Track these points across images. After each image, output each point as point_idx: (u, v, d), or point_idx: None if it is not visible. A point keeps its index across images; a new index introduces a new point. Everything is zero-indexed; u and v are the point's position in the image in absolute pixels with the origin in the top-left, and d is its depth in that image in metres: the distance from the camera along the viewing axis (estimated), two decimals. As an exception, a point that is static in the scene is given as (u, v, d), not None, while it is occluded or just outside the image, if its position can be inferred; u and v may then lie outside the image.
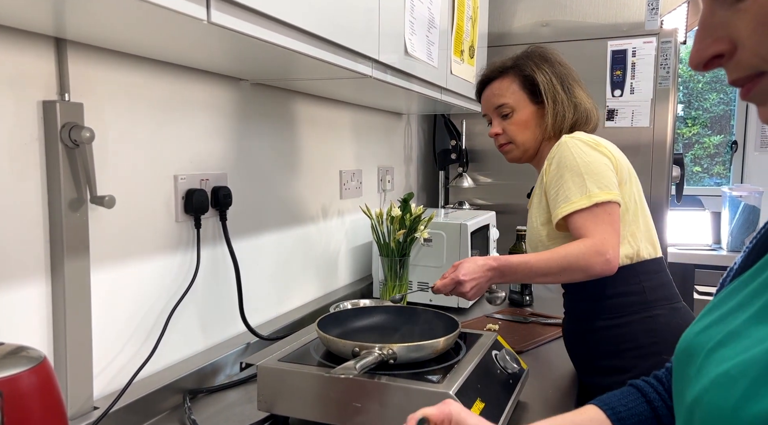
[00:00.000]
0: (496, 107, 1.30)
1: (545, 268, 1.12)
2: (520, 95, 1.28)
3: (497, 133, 1.32)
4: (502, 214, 2.27)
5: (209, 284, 1.24)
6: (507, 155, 1.34)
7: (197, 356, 1.20)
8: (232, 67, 1.17)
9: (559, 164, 1.17)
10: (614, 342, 1.18)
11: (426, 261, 1.74)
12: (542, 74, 1.25)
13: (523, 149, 1.30)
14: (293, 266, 1.55)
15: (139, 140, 1.04)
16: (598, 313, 1.20)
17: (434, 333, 1.10)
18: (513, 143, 1.30)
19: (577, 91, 1.27)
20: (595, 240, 1.08)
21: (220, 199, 1.20)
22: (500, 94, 1.30)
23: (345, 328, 1.13)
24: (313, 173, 1.63)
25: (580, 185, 1.13)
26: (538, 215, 1.24)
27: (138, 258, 1.05)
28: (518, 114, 1.28)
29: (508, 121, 1.29)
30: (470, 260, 1.17)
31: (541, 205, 1.23)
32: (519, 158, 1.33)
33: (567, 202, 1.13)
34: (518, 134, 1.29)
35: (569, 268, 1.10)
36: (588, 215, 1.11)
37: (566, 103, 1.25)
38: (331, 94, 1.61)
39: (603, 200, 1.11)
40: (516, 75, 1.28)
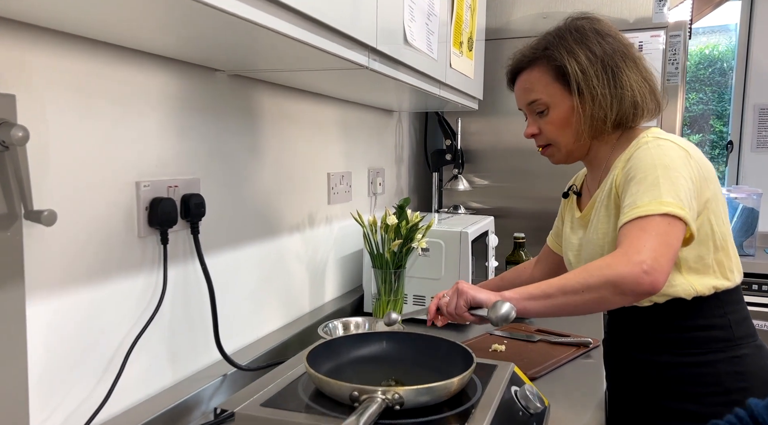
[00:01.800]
0: (529, 103, 1.11)
1: (572, 290, 0.91)
2: (554, 89, 1.06)
3: (533, 133, 1.12)
4: (500, 218, 2.13)
5: (178, 309, 1.06)
6: (550, 158, 1.15)
7: (165, 393, 1.03)
8: (205, 55, 1.00)
9: (634, 165, 0.98)
10: (693, 383, 1.01)
11: (422, 273, 1.58)
12: (575, 62, 1.03)
13: (566, 151, 1.11)
14: (276, 282, 1.38)
15: (90, 140, 0.86)
16: (673, 346, 1.03)
17: (445, 367, 0.94)
18: (554, 144, 1.11)
19: (627, 74, 1.03)
20: (631, 247, 0.88)
21: (192, 209, 1.03)
22: (530, 89, 1.09)
23: (339, 361, 0.97)
24: (298, 176, 1.46)
25: (653, 189, 0.92)
26: (610, 230, 1.03)
27: (89, 283, 0.87)
28: (555, 111, 1.07)
29: (544, 119, 1.09)
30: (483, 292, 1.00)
31: (612, 217, 1.03)
32: (564, 161, 1.14)
33: (632, 207, 0.93)
34: (557, 134, 1.09)
35: (591, 279, 0.88)
36: (641, 223, 0.90)
37: (607, 97, 1.03)
38: (318, 89, 1.44)
39: (673, 213, 0.90)
40: (547, 64, 1.06)
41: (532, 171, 2.11)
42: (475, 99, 1.90)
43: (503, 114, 2.14)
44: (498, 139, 2.16)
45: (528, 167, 2.11)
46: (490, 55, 2.08)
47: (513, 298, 0.94)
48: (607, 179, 1.07)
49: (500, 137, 2.15)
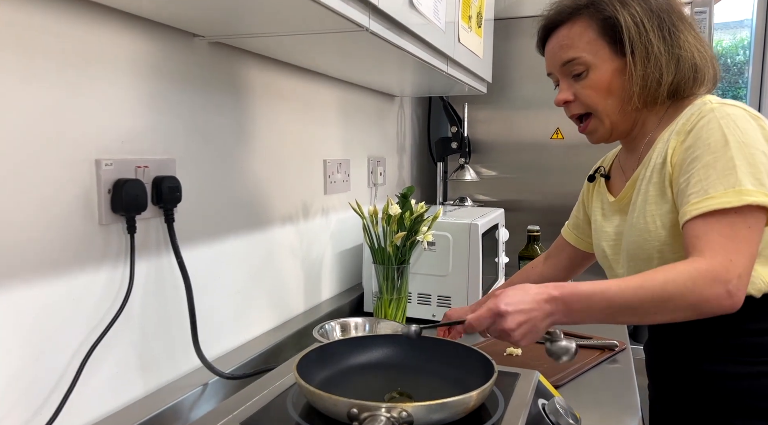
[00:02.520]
0: (564, 63, 0.95)
1: (633, 301, 0.78)
2: (599, 46, 0.91)
3: (567, 100, 0.96)
4: (510, 212, 1.99)
5: (150, 308, 0.92)
6: (591, 135, 0.99)
7: (135, 405, 0.89)
8: (181, 15, 0.86)
9: (697, 138, 0.83)
10: (760, 396, 0.87)
11: (428, 269, 1.44)
12: (628, 14, 0.88)
13: (611, 123, 0.94)
14: (266, 278, 1.24)
15: (37, 108, 0.72)
16: (734, 353, 0.89)
17: (460, 376, 0.80)
18: (594, 114, 0.95)
19: (685, 35, 0.89)
20: (715, 262, 0.76)
21: (165, 193, 0.89)
22: (569, 45, 0.94)
23: (335, 369, 0.83)
24: (291, 162, 1.32)
25: (728, 175, 0.79)
26: (662, 213, 0.88)
27: (37, 279, 0.73)
28: (597, 72, 0.92)
29: (581, 83, 0.94)
30: (518, 287, 0.83)
31: (666, 199, 0.88)
32: (608, 138, 0.98)
33: (703, 196, 0.79)
34: (598, 100, 0.93)
35: (670, 302, 0.76)
36: (720, 222, 0.78)
37: (663, 56, 0.88)
38: (312, 64, 1.30)
39: (758, 203, 0.77)
40: (592, 17, 0.91)
41: (545, 163, 1.97)
42: (484, 81, 1.76)
43: (514, 102, 2.00)
44: (508, 129, 2.02)
45: (540, 158, 1.97)
46: (499, 39, 1.94)
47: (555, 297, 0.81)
48: (650, 154, 0.93)
49: (510, 126, 2.01)
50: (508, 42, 1.96)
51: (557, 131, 1.95)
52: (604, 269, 1.07)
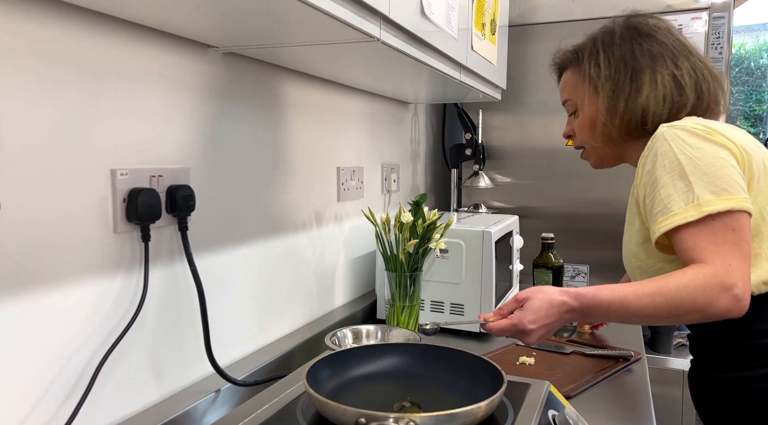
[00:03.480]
0: (563, 103, 1.14)
1: (649, 308, 0.83)
2: (582, 90, 1.07)
3: (568, 134, 1.15)
4: (524, 218, 1.98)
5: (164, 315, 0.93)
6: (588, 160, 1.15)
7: (150, 411, 0.90)
8: (195, 27, 0.88)
9: (654, 162, 0.90)
10: (753, 401, 0.90)
11: (441, 276, 1.44)
12: (588, 62, 1.04)
13: (597, 155, 1.10)
14: (279, 285, 1.25)
15: (54, 118, 0.74)
16: (739, 358, 0.92)
17: (470, 386, 0.80)
18: (586, 147, 1.12)
19: (652, 77, 0.97)
20: (717, 268, 0.80)
21: (179, 202, 0.90)
22: (563, 89, 1.14)
23: (344, 378, 0.84)
24: (304, 169, 1.33)
25: (684, 191, 0.85)
26: (632, 233, 0.99)
27: (53, 286, 0.75)
28: (582, 112, 1.09)
29: (576, 121, 1.11)
30: (541, 295, 0.89)
31: (636, 221, 0.98)
32: (600, 165, 1.13)
33: (666, 214, 0.86)
34: (585, 136, 1.09)
35: (683, 308, 0.81)
36: (702, 231, 0.83)
37: (626, 98, 1.00)
38: (326, 74, 1.31)
39: (720, 210, 0.82)
40: (577, 65, 1.09)
41: (561, 170, 1.96)
42: (498, 88, 1.76)
43: (529, 108, 1.99)
44: (523, 135, 2.01)
45: (556, 165, 1.96)
46: (514, 46, 1.94)
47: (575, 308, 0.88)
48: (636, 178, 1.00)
49: (525, 133, 2.00)
50: (523, 48, 1.96)
51: (572, 137, 1.93)
52: None
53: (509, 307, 0.92)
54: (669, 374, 1.65)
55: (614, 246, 1.88)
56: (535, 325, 0.87)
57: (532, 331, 0.87)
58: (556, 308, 0.87)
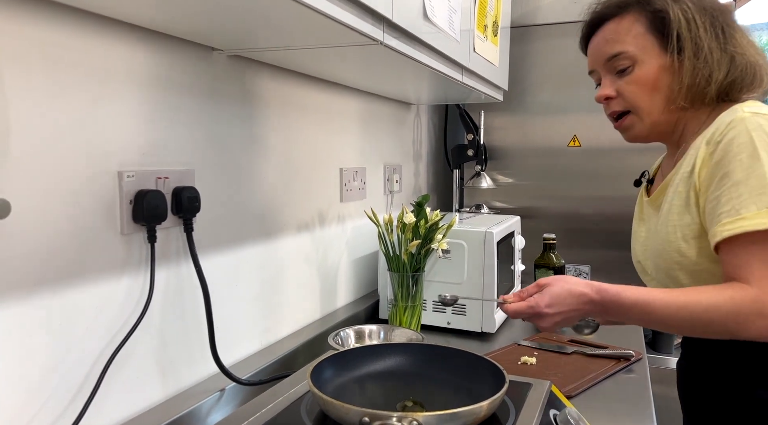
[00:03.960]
0: (609, 58, 0.92)
1: (673, 320, 0.78)
2: (647, 41, 0.88)
3: (609, 96, 0.93)
4: (526, 219, 1.99)
5: (170, 315, 0.95)
6: (626, 132, 0.95)
7: (155, 410, 0.91)
8: (200, 30, 0.89)
9: (727, 152, 0.78)
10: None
11: (443, 276, 1.45)
12: (679, 9, 0.86)
13: (651, 121, 0.91)
14: (282, 286, 1.26)
15: (62, 122, 0.75)
16: (762, 378, 0.85)
17: (472, 385, 0.81)
18: (634, 112, 0.91)
19: (739, 36, 0.86)
20: (761, 293, 0.74)
21: (184, 203, 0.92)
22: (616, 40, 0.91)
23: (348, 377, 0.85)
24: (308, 170, 1.34)
25: (760, 194, 0.75)
26: (680, 225, 0.86)
27: (61, 286, 0.76)
28: (642, 68, 0.89)
29: (626, 78, 0.90)
30: (563, 282, 0.86)
31: (687, 213, 0.86)
32: (645, 136, 0.94)
33: (733, 216, 0.76)
34: (642, 97, 0.90)
35: (710, 327, 0.77)
36: (760, 248, 0.75)
37: (715, 53, 0.84)
38: (328, 75, 1.32)
39: None
40: (641, 11, 0.89)
41: (562, 170, 1.96)
42: (500, 89, 1.76)
43: (530, 109, 2.00)
44: (524, 135, 2.02)
45: (557, 165, 1.97)
46: (515, 46, 1.95)
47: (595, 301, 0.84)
48: (683, 160, 0.89)
49: (527, 133, 2.01)
50: (525, 48, 1.97)
51: (574, 138, 1.94)
52: (638, 271, 1.05)
53: (529, 291, 0.89)
54: (670, 374, 1.65)
55: (616, 247, 1.89)
56: (551, 310, 0.84)
57: (547, 315, 0.85)
58: (575, 297, 0.84)
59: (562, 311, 0.84)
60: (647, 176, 1.07)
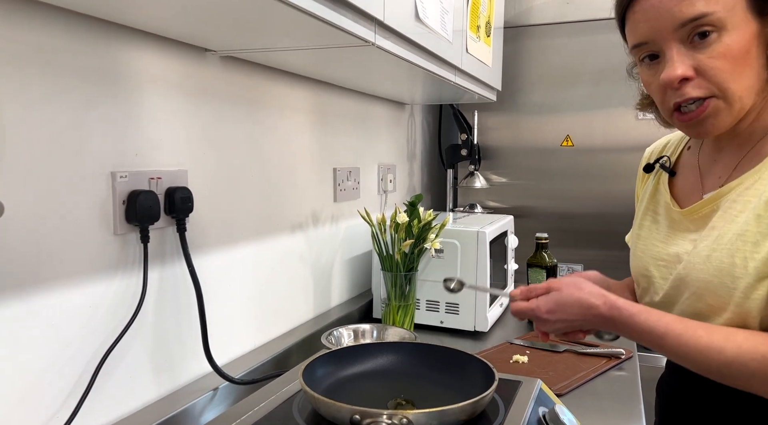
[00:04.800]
0: (687, 22, 0.66)
1: (687, 360, 0.69)
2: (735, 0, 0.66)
3: (685, 76, 0.68)
4: (519, 218, 2.00)
5: (163, 315, 0.95)
6: (705, 123, 0.70)
7: (148, 409, 0.92)
8: (193, 32, 0.89)
9: None
10: None
11: (436, 275, 1.46)
12: None
13: (740, 107, 0.69)
14: (276, 285, 1.27)
15: (56, 123, 0.76)
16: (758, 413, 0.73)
17: (462, 384, 0.82)
18: (721, 95, 0.68)
19: None
20: None
21: (177, 203, 0.92)
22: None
23: (339, 376, 0.86)
24: (301, 170, 1.34)
25: None
26: (756, 257, 0.67)
27: (53, 287, 0.76)
28: (732, 35, 0.66)
29: (708, 51, 0.67)
30: (573, 289, 0.78)
31: (766, 230, 0.67)
32: (729, 125, 0.71)
33: None
34: (733, 75, 0.67)
35: (727, 379, 0.67)
36: None
37: None
38: (322, 76, 1.33)
39: None
40: None
41: (555, 169, 1.98)
42: (494, 90, 1.77)
43: (523, 109, 2.01)
44: (517, 135, 2.03)
45: (550, 164, 1.98)
46: (508, 45, 1.96)
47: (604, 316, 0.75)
48: (763, 169, 0.70)
49: (520, 132, 2.02)
50: (518, 49, 1.98)
51: (567, 138, 1.96)
52: (637, 285, 0.89)
53: (537, 291, 0.83)
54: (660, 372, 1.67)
55: (608, 246, 1.91)
56: (552, 316, 0.79)
57: (547, 321, 0.80)
58: (584, 308, 0.76)
59: (565, 319, 0.78)
60: (668, 162, 0.86)
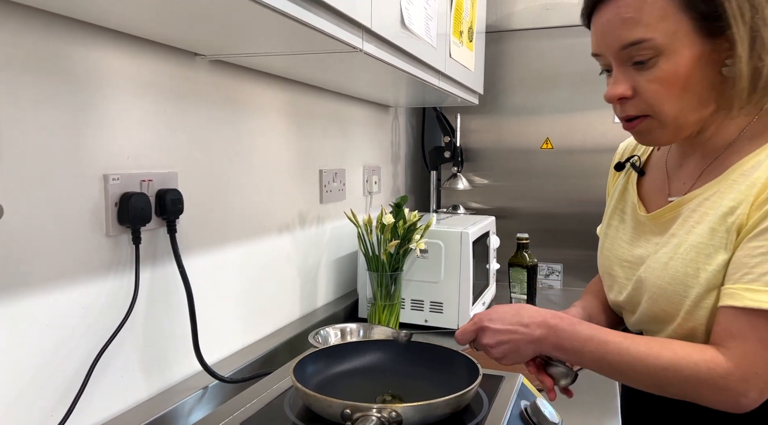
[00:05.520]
0: (625, 46, 0.68)
1: (628, 368, 0.70)
2: (679, 22, 0.65)
3: (624, 96, 0.70)
4: (501, 219, 2.04)
5: (153, 315, 0.97)
6: (640, 136, 0.75)
7: (139, 407, 0.93)
8: (183, 36, 0.91)
9: None
10: None
11: (420, 275, 1.49)
12: None
13: (675, 127, 0.71)
14: (264, 285, 1.29)
15: (50, 127, 0.77)
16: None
17: (447, 379, 0.85)
18: (655, 116, 0.70)
19: None
20: (737, 372, 0.64)
21: (168, 205, 0.94)
22: (636, 20, 0.66)
23: (329, 373, 0.88)
24: (288, 172, 1.36)
25: None
26: (708, 269, 0.69)
27: (47, 288, 0.78)
28: (671, 60, 0.66)
29: (647, 74, 0.68)
30: (516, 304, 0.80)
31: (726, 251, 0.69)
32: (666, 143, 0.75)
33: (763, 286, 0.64)
34: (668, 99, 0.68)
35: (667, 387, 0.68)
36: (766, 326, 0.64)
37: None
38: (309, 79, 1.35)
39: None
40: None
41: (535, 170, 2.02)
42: (476, 93, 1.81)
43: (505, 111, 2.05)
44: (499, 137, 2.07)
45: (531, 166, 2.03)
46: (490, 49, 2.00)
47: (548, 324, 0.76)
48: (722, 183, 0.71)
49: (501, 135, 2.07)
50: (500, 52, 2.02)
51: (547, 140, 2.00)
52: (603, 282, 0.92)
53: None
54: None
55: (586, 245, 1.96)
56: (493, 325, 0.77)
57: (488, 329, 0.77)
58: (525, 318, 0.76)
59: (507, 329, 0.76)
60: (639, 162, 0.88)
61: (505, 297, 1.74)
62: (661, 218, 0.79)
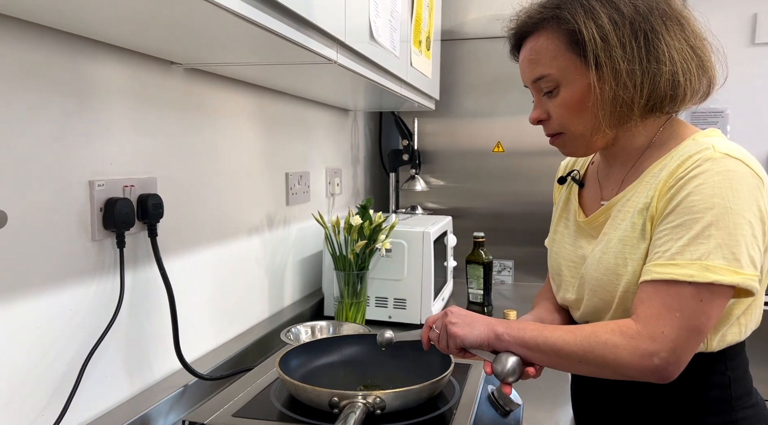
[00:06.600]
0: (534, 80, 0.85)
1: (560, 342, 0.76)
2: (566, 60, 0.81)
3: (540, 118, 0.87)
4: (457, 218, 2.14)
5: (136, 316, 0.99)
6: (561, 149, 0.90)
7: (121, 407, 0.96)
8: (160, 45, 0.94)
9: (685, 192, 0.74)
10: None
11: (385, 274, 1.56)
12: (593, 25, 0.78)
13: (585, 142, 0.85)
14: (234, 286, 1.32)
15: (38, 134, 0.79)
16: (654, 407, 0.84)
17: (419, 368, 0.92)
18: (567, 133, 0.86)
19: (668, 41, 0.78)
20: (644, 332, 0.72)
21: (149, 210, 0.97)
22: (537, 61, 0.84)
23: (312, 366, 0.94)
24: (257, 175, 1.40)
25: (700, 243, 0.72)
26: (633, 258, 0.79)
27: (35, 293, 0.80)
28: (567, 90, 0.82)
29: (553, 101, 0.84)
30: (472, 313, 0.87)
31: (644, 241, 0.79)
32: (582, 154, 0.89)
33: (668, 260, 0.73)
34: (570, 120, 0.84)
35: (590, 354, 0.74)
36: (668, 292, 0.72)
37: (636, 72, 0.77)
38: (277, 85, 1.40)
39: (721, 282, 0.70)
40: (557, 28, 0.81)
41: (488, 171, 2.13)
42: (432, 99, 1.90)
43: (458, 115, 2.15)
44: (453, 140, 2.17)
45: (484, 167, 2.13)
46: (445, 56, 2.09)
47: (506, 342, 0.80)
48: (638, 184, 0.83)
49: (455, 138, 2.16)
50: (452, 59, 2.11)
51: (498, 144, 2.11)
52: (553, 283, 0.99)
53: None
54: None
55: (536, 243, 2.08)
56: (455, 318, 0.84)
57: (451, 313, 0.84)
58: (477, 316, 0.84)
59: (467, 319, 0.84)
60: (578, 175, 0.99)
61: (462, 293, 1.84)
62: (595, 221, 0.89)
